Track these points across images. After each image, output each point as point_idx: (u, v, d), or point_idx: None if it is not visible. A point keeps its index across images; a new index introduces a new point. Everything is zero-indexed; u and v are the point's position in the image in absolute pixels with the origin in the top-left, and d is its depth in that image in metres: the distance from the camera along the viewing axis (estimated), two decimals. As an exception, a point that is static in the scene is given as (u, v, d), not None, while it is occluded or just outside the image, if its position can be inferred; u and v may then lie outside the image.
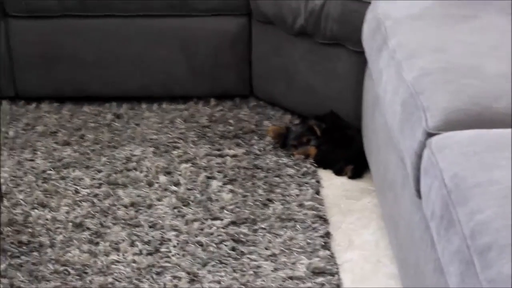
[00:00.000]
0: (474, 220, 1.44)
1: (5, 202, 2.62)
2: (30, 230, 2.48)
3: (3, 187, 2.69)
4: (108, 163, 2.87)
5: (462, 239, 1.45)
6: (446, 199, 1.57)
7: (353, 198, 2.70)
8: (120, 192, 2.69)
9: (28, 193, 2.68)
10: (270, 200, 2.64)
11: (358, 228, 2.53)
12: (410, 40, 2.20)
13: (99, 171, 2.81)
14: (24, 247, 2.40)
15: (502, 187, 1.48)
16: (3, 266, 2.32)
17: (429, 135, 1.79)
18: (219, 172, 2.80)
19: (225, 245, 2.41)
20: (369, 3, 2.67)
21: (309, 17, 2.90)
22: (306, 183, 2.74)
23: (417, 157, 1.82)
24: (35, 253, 2.37)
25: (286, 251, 2.39)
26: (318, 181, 2.77)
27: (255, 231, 2.48)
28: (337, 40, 2.87)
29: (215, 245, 2.41)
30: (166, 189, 2.70)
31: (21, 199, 2.64)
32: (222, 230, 2.48)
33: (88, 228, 2.49)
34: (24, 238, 2.44)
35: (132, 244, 2.41)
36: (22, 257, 2.36)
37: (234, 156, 2.91)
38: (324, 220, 2.54)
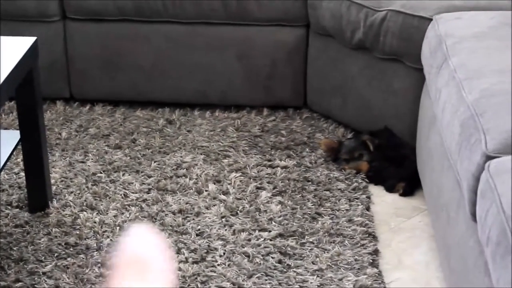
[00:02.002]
0: (533, 249, 1.40)
1: (55, 203, 2.63)
2: (77, 232, 2.48)
3: (53, 188, 2.70)
4: (158, 169, 2.86)
5: (520, 268, 1.41)
6: (503, 225, 1.52)
7: (404, 216, 2.65)
8: (169, 198, 2.68)
9: (78, 195, 2.69)
10: (319, 214, 2.61)
11: (408, 247, 2.48)
12: (472, 60, 2.16)
13: (149, 176, 2.81)
14: (71, 249, 2.40)
15: None
16: (49, 267, 2.32)
17: (488, 158, 1.75)
18: (268, 183, 2.78)
19: (272, 258, 2.38)
20: (431, 19, 2.63)
21: (368, 31, 2.86)
22: (356, 199, 2.71)
23: (474, 179, 1.77)
24: (82, 256, 2.37)
25: (333, 266, 2.35)
26: (368, 197, 2.73)
27: (302, 244, 2.45)
28: (395, 56, 2.84)
29: (261, 257, 2.38)
30: (214, 198, 2.68)
31: (71, 201, 2.65)
32: (269, 242, 2.45)
33: (136, 233, 2.48)
34: (72, 240, 2.44)
35: (179, 252, 2.40)
36: (69, 259, 2.36)
37: (284, 167, 2.88)
38: (373, 237, 2.50)
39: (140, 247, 0.41)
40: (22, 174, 2.72)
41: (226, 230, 2.51)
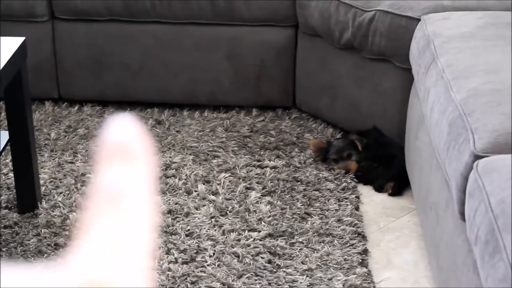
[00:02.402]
0: (521, 247, 1.41)
1: (44, 204, 2.62)
2: (67, 233, 2.48)
3: (42, 189, 2.70)
4: (147, 169, 2.85)
5: (508, 266, 1.42)
6: (492, 224, 1.53)
7: (393, 216, 2.66)
8: (158, 198, 2.68)
9: (67, 195, 2.69)
10: (308, 214, 2.62)
11: (397, 246, 2.49)
12: (460, 60, 2.17)
13: (138, 177, 2.80)
14: (61, 250, 2.40)
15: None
16: (39, 268, 2.31)
17: (477, 157, 1.76)
18: (258, 183, 2.78)
19: (261, 258, 2.39)
20: (419, 20, 2.64)
21: (357, 31, 2.87)
22: (345, 198, 2.71)
23: (463, 179, 1.78)
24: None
25: (323, 266, 2.36)
26: (357, 197, 2.74)
27: (292, 244, 2.46)
28: (384, 56, 2.84)
29: (251, 257, 2.39)
30: (204, 198, 2.69)
31: (60, 201, 2.64)
32: (259, 242, 2.46)
33: (125, 234, 2.48)
34: (61, 240, 2.44)
35: (168, 252, 2.40)
36: (59, 259, 2.36)
37: (273, 167, 2.88)
38: (363, 237, 2.51)
39: (121, 134, 0.42)
40: (11, 174, 2.71)
41: (215, 230, 2.51)
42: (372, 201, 2.75)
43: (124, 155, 0.42)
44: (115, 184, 0.42)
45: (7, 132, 2.52)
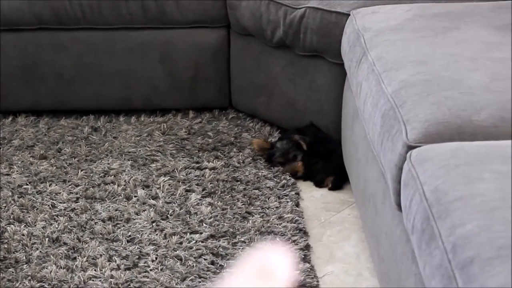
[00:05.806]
0: (456, 234, 1.43)
1: (-19, 218, 2.58)
2: (5, 246, 2.44)
3: (-21, 202, 2.66)
4: (85, 177, 2.83)
5: (444, 253, 1.44)
6: (427, 212, 1.55)
7: (333, 210, 2.68)
8: (98, 206, 2.65)
9: (4, 208, 2.65)
10: (249, 213, 2.62)
11: (338, 240, 2.51)
12: (390, 53, 2.19)
13: (76, 185, 2.78)
14: (0, 264, 2.36)
15: (484, 200, 1.46)
16: (-22, 282, 2.28)
17: (409, 147, 1.78)
18: (197, 185, 2.78)
19: (204, 259, 2.38)
20: (348, 15, 2.66)
21: (288, 29, 2.89)
22: (285, 195, 2.72)
23: (397, 170, 1.80)
24: (11, 269, 2.34)
25: (266, 265, 2.36)
26: (297, 193, 2.75)
27: (234, 244, 2.46)
28: (316, 52, 2.86)
29: (194, 259, 2.38)
30: (144, 203, 2.67)
31: (-3, 214, 2.61)
32: (201, 243, 2.45)
33: (65, 243, 2.46)
34: (0, 254, 2.40)
35: (110, 259, 2.38)
36: (1, 273, 2.32)
37: (213, 168, 2.88)
38: (304, 233, 2.52)
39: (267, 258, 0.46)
40: None
41: (157, 234, 2.50)
42: (312, 196, 2.76)
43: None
44: None
45: None
